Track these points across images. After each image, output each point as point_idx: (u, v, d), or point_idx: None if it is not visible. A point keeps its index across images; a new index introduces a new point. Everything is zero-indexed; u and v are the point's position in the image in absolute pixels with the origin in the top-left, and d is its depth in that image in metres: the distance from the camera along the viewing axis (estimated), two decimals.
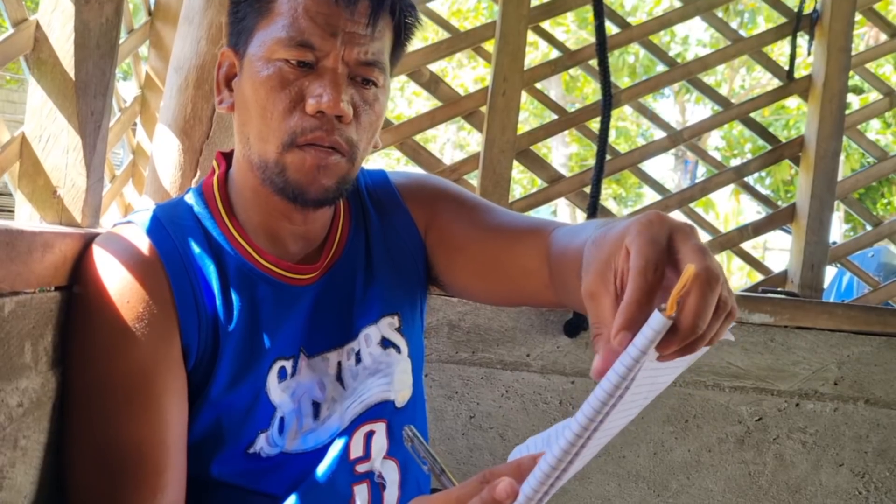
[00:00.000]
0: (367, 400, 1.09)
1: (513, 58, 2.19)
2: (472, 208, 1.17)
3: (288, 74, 0.96)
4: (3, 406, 0.81)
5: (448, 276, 1.18)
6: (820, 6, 2.40)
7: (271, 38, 0.96)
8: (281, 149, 0.97)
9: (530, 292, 1.10)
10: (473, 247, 1.13)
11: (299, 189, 0.98)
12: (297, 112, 0.96)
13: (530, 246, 1.07)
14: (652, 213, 0.67)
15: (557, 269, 1.00)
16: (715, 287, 0.62)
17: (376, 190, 1.19)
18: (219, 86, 1.06)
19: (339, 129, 0.97)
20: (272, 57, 0.96)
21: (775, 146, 2.45)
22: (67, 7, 1.09)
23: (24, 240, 0.84)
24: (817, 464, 2.05)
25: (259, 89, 0.97)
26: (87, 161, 1.12)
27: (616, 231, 0.69)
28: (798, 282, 2.32)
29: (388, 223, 1.17)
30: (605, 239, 0.70)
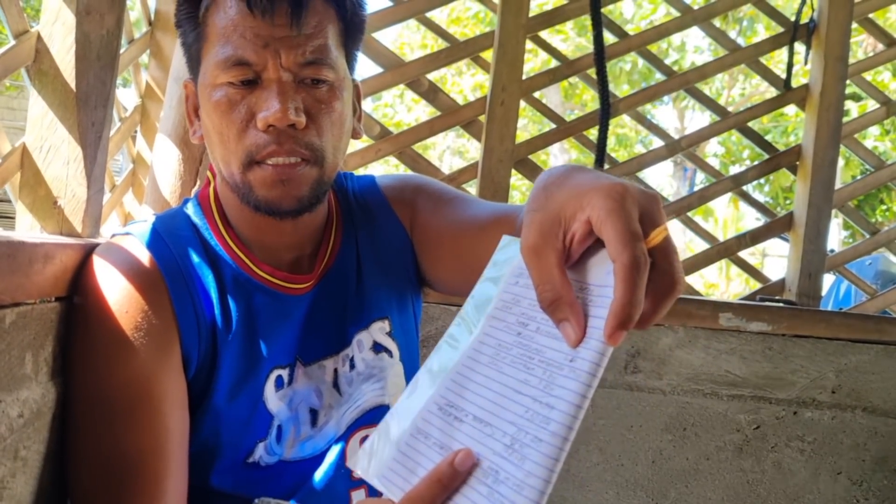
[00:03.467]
0: (363, 405, 1.10)
1: (511, 67, 2.19)
2: (450, 201, 1.16)
3: (234, 96, 0.96)
4: (4, 417, 0.81)
5: (432, 273, 1.18)
6: (817, 16, 2.41)
7: (211, 64, 0.97)
8: (242, 168, 0.97)
9: None
10: (448, 240, 1.13)
11: (271, 204, 0.98)
12: (250, 130, 0.96)
13: (501, 231, 1.06)
14: (618, 185, 0.63)
15: None
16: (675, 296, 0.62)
17: (364, 195, 1.19)
18: (190, 118, 1.07)
19: (296, 138, 0.96)
20: (216, 82, 0.96)
21: (773, 155, 2.46)
22: (68, 18, 1.10)
23: (25, 251, 0.84)
24: (815, 472, 2.06)
25: (212, 115, 0.98)
26: (88, 171, 1.12)
27: (572, 186, 0.66)
28: (796, 290, 2.32)
29: (377, 227, 1.17)
30: (559, 191, 0.67)
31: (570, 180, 0.68)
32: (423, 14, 2.23)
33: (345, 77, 1.02)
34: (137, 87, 1.84)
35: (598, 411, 1.99)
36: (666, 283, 0.62)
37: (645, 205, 0.62)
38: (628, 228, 0.60)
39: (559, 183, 0.68)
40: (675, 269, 0.62)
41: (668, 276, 0.62)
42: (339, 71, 1.00)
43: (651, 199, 0.64)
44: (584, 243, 0.64)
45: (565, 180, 0.68)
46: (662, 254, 0.62)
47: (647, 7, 12.11)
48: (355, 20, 1.04)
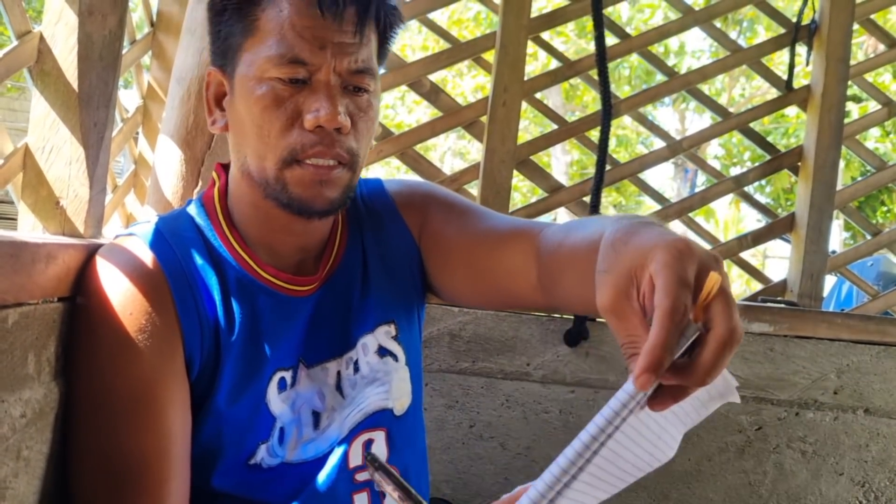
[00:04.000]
0: (366, 409, 1.09)
1: (513, 68, 2.20)
2: (462, 212, 1.17)
3: (282, 92, 0.96)
4: (7, 417, 0.81)
5: (439, 281, 1.19)
6: (818, 17, 2.41)
7: (261, 58, 0.96)
8: (280, 165, 0.97)
9: (517, 294, 1.10)
10: (462, 250, 1.13)
11: (304, 203, 0.99)
12: (295, 129, 0.96)
13: (517, 247, 1.07)
14: (680, 241, 0.66)
15: (548, 268, 1.00)
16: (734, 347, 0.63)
17: (372, 199, 1.19)
18: (209, 107, 1.06)
19: (340, 141, 0.97)
20: (264, 76, 0.96)
21: (774, 156, 2.46)
22: (71, 19, 1.09)
23: (27, 251, 0.84)
24: (817, 473, 2.06)
25: (254, 109, 0.97)
26: (90, 172, 1.12)
27: (638, 244, 0.69)
28: (797, 291, 2.32)
29: (384, 232, 1.17)
30: (626, 249, 0.70)
31: (635, 238, 0.71)
32: (424, 15, 2.23)
33: (378, 90, 1.04)
34: (139, 87, 1.84)
35: None
36: (725, 334, 0.63)
37: (705, 261, 0.65)
38: (677, 278, 0.63)
39: (625, 240, 0.71)
40: (735, 320, 0.64)
41: (726, 327, 0.63)
42: (378, 82, 1.03)
43: (712, 257, 0.67)
44: (653, 300, 0.65)
45: (630, 237, 0.71)
46: (721, 306, 0.64)
47: (647, 12, 12.12)
48: (390, 36, 1.06)
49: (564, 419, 1.98)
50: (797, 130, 11.47)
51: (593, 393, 1.99)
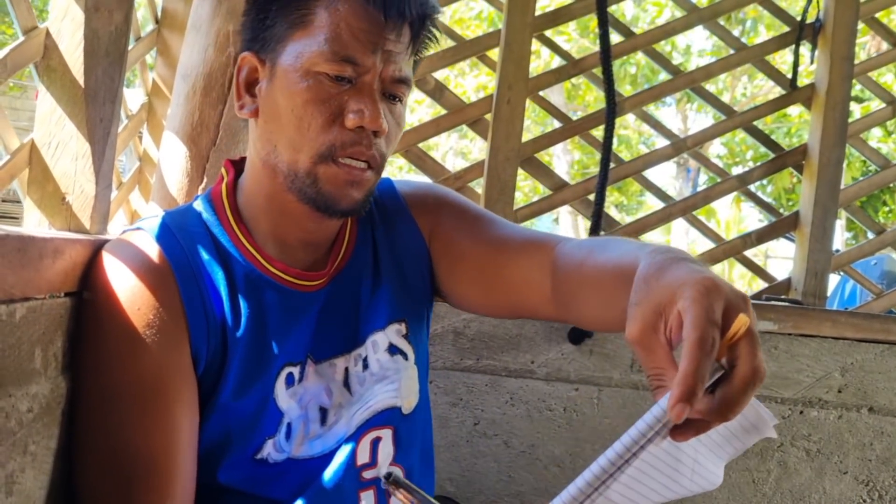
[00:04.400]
0: (374, 406, 1.09)
1: (517, 66, 2.20)
2: (476, 219, 1.17)
3: (328, 88, 0.96)
4: (14, 411, 0.81)
5: (449, 286, 1.19)
6: (823, 15, 2.41)
7: (311, 51, 0.96)
8: (316, 160, 0.98)
9: (530, 305, 1.11)
10: (475, 257, 1.14)
11: (331, 200, 1.00)
12: (335, 126, 0.97)
13: (533, 259, 1.08)
14: (709, 279, 0.69)
15: (566, 283, 1.02)
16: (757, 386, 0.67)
17: (383, 198, 1.19)
18: (239, 91, 1.05)
19: (376, 144, 0.99)
20: (311, 69, 0.96)
21: (778, 154, 2.46)
22: (77, 15, 1.10)
23: (35, 246, 0.84)
24: (821, 471, 2.05)
25: (296, 100, 0.97)
26: (96, 168, 1.12)
27: (669, 280, 0.72)
28: (801, 289, 2.32)
29: (395, 231, 1.17)
30: (658, 284, 0.73)
31: (667, 273, 0.74)
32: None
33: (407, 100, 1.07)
34: (144, 84, 1.85)
35: (603, 410, 1.99)
36: (748, 373, 0.66)
37: (732, 300, 0.68)
38: (705, 314, 0.66)
39: (657, 275, 0.74)
40: (758, 360, 0.67)
41: (750, 366, 0.66)
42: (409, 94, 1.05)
43: (740, 297, 0.70)
44: (679, 334, 0.69)
45: (663, 273, 0.74)
46: (747, 346, 0.67)
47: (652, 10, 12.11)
48: (421, 55, 1.08)
49: (568, 417, 1.98)
50: (800, 130, 11.46)
51: (597, 391, 1.99)
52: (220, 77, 1.50)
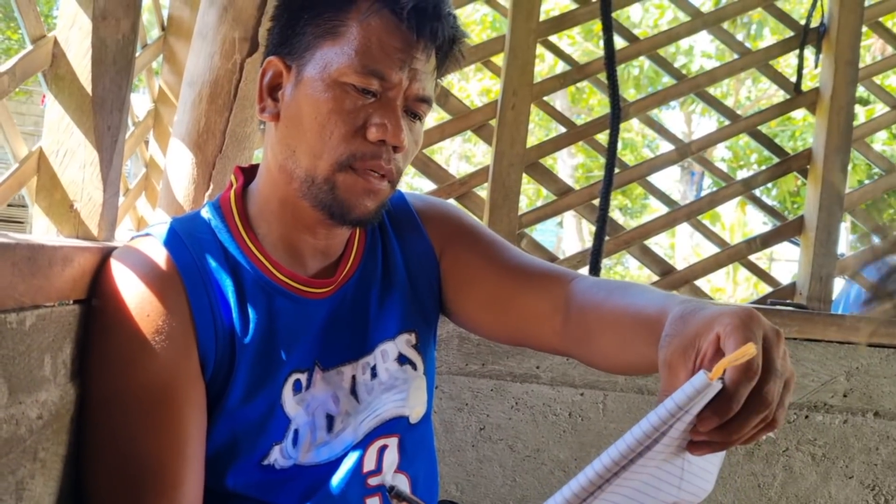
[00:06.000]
0: (382, 415, 1.10)
1: (522, 71, 2.20)
2: (489, 243, 1.18)
3: (354, 100, 0.97)
4: (24, 418, 0.82)
5: (456, 306, 1.19)
6: (827, 19, 2.41)
7: (340, 62, 0.97)
8: (335, 167, 0.99)
9: (536, 336, 1.12)
10: (486, 281, 1.14)
11: (345, 208, 1.00)
12: (357, 137, 0.98)
13: (547, 292, 1.10)
14: (748, 310, 0.73)
15: (581, 320, 1.03)
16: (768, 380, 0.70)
17: (395, 210, 1.19)
18: (261, 94, 1.05)
19: (394, 159, 1.00)
20: (339, 79, 0.97)
21: (783, 158, 2.46)
22: (85, 24, 1.10)
23: (44, 254, 0.85)
24: (826, 476, 2.05)
25: (320, 108, 0.98)
26: (104, 175, 1.13)
27: (707, 314, 0.76)
28: (807, 294, 2.32)
29: (406, 243, 1.18)
30: (694, 317, 0.77)
31: (703, 310, 0.78)
32: None
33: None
34: (150, 91, 1.85)
35: (609, 415, 1.99)
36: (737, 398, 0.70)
37: (768, 333, 0.72)
38: (745, 339, 0.69)
39: (694, 313, 0.78)
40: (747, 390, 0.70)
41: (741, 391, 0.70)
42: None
43: (775, 331, 0.73)
44: (712, 362, 0.72)
45: (699, 311, 0.78)
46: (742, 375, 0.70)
47: (655, 12, 12.10)
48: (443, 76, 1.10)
49: (573, 421, 1.98)
50: (803, 133, 11.44)
51: (602, 395, 1.99)
52: (226, 84, 1.51)
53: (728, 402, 0.69)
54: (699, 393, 0.68)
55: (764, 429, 0.73)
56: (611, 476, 0.69)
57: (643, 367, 0.93)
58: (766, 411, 0.71)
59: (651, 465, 0.70)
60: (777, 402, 0.72)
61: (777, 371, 0.71)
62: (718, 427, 0.70)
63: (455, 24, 1.03)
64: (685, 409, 0.68)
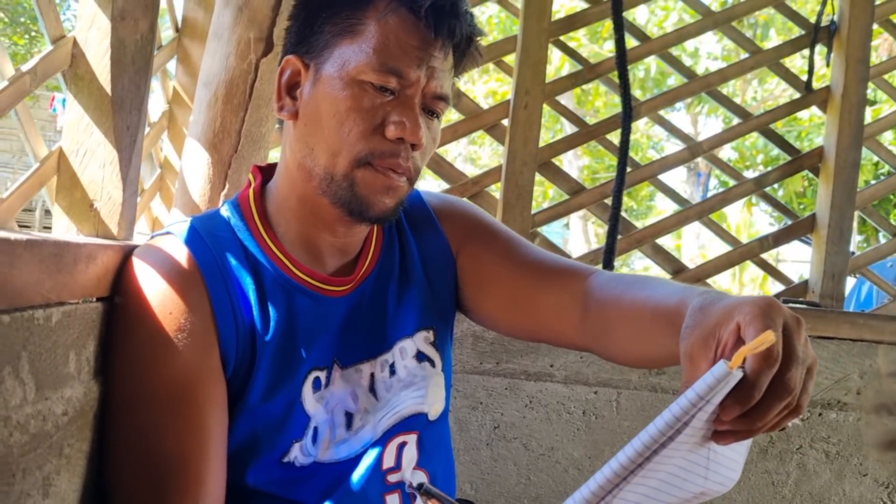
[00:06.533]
0: (401, 412, 1.10)
1: (534, 71, 2.21)
2: (507, 240, 1.18)
3: (372, 97, 0.98)
4: (50, 414, 0.82)
5: (474, 303, 1.19)
6: (837, 18, 2.41)
7: (358, 60, 0.98)
8: (354, 164, 0.99)
9: (554, 331, 1.13)
10: (504, 278, 1.15)
11: (364, 205, 1.01)
12: (375, 135, 0.98)
13: (565, 287, 1.10)
14: (767, 299, 0.73)
15: (600, 315, 1.04)
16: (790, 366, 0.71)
17: (411, 208, 1.20)
18: (280, 92, 1.06)
19: (412, 157, 1.01)
20: (357, 77, 0.98)
21: (795, 157, 2.46)
22: (104, 24, 1.11)
23: (69, 251, 0.85)
24: (840, 473, 2.05)
25: (338, 106, 0.98)
26: (123, 175, 1.13)
27: (727, 303, 0.77)
28: (819, 291, 2.32)
29: (423, 241, 1.18)
30: (714, 308, 0.78)
31: (722, 301, 0.78)
32: None
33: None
34: (165, 92, 1.86)
35: (622, 413, 1.99)
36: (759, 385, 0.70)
37: (788, 320, 0.73)
38: (765, 327, 0.70)
39: (713, 304, 0.79)
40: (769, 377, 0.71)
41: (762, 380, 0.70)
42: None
43: (795, 318, 0.74)
44: (733, 351, 0.73)
45: (719, 301, 0.79)
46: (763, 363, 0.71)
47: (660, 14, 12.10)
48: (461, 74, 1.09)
49: (587, 420, 1.98)
50: (809, 134, 11.43)
51: (616, 393, 1.99)
52: (242, 84, 1.52)
53: (749, 390, 0.69)
54: (720, 382, 0.68)
55: (788, 416, 0.72)
56: (635, 468, 0.69)
57: (663, 359, 0.94)
58: (788, 398, 0.71)
59: (676, 455, 0.70)
60: (800, 388, 0.72)
61: (799, 357, 0.71)
62: (741, 415, 0.70)
63: (472, 22, 1.04)
64: (706, 399, 0.68)
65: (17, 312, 0.74)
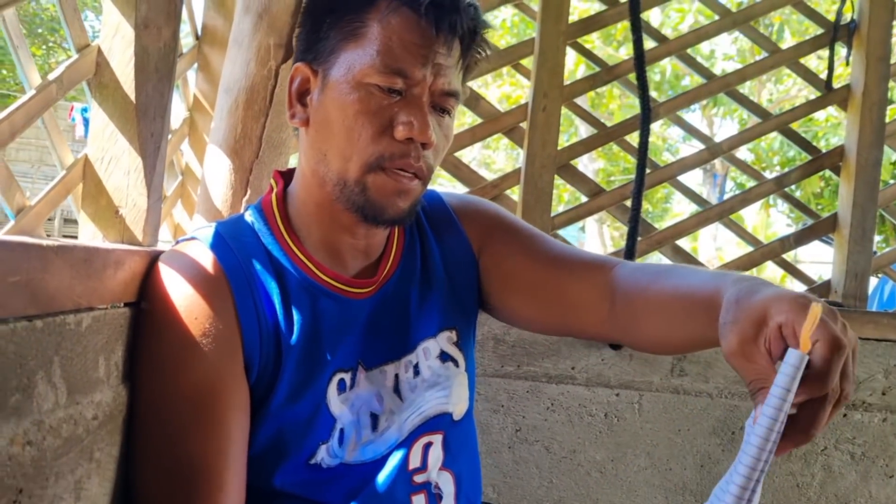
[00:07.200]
0: (426, 412, 1.10)
1: (552, 73, 2.21)
2: (529, 237, 1.19)
3: (379, 100, 0.98)
4: (81, 419, 0.83)
5: (500, 301, 1.19)
6: (857, 15, 2.39)
7: (363, 63, 0.98)
8: (365, 169, 0.99)
9: (582, 324, 1.13)
10: (529, 274, 1.15)
11: (377, 209, 1.01)
12: (385, 137, 0.98)
13: (591, 280, 1.10)
14: (802, 296, 0.76)
15: (628, 305, 1.04)
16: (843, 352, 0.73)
17: (432, 209, 1.20)
18: (291, 100, 1.06)
19: (424, 156, 1.00)
20: (363, 81, 0.98)
21: (815, 156, 2.45)
22: (128, 32, 1.12)
23: (99, 257, 0.86)
24: (866, 475, 2.03)
25: (346, 111, 0.99)
26: (148, 181, 1.14)
27: (764, 298, 0.78)
28: (842, 291, 2.30)
29: (444, 241, 1.18)
30: (751, 303, 0.79)
31: (759, 293, 0.80)
32: None
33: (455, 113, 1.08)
34: (185, 99, 1.87)
35: (644, 415, 1.98)
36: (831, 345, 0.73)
37: (825, 309, 0.74)
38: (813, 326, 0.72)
39: (749, 296, 0.80)
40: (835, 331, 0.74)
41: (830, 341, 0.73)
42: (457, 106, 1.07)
43: (831, 311, 0.76)
44: (778, 347, 0.76)
45: (754, 293, 0.80)
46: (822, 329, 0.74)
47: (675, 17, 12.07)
48: (471, 69, 1.10)
49: (609, 422, 1.97)
50: (826, 134, 11.36)
51: (638, 395, 1.98)
52: (262, 90, 1.52)
53: (823, 378, 0.72)
54: (797, 370, 0.71)
55: (836, 406, 0.75)
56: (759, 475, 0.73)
57: (697, 345, 0.96)
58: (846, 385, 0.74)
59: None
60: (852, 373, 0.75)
61: (844, 344, 0.73)
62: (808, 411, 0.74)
63: (475, 14, 1.03)
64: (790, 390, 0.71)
65: (49, 317, 0.75)
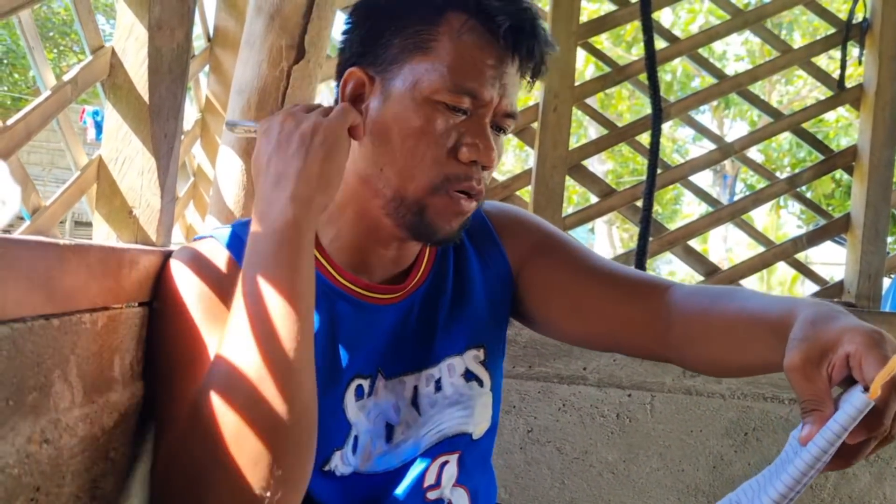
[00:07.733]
0: (445, 431, 1.08)
1: (563, 74, 2.21)
2: (571, 251, 1.15)
3: (446, 118, 0.95)
4: (98, 418, 0.83)
5: (536, 314, 1.16)
6: (870, 14, 2.38)
7: (431, 79, 0.94)
8: (429, 191, 0.96)
9: (631, 342, 1.10)
10: (572, 289, 1.12)
11: (431, 229, 0.98)
12: (450, 159, 0.96)
13: (643, 302, 1.08)
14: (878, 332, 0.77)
15: (687, 327, 1.03)
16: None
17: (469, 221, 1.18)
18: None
19: (483, 178, 0.99)
20: (431, 97, 0.94)
21: (828, 156, 2.44)
22: (141, 34, 1.12)
23: (114, 256, 0.86)
24: (880, 476, 2.02)
25: (411, 127, 0.95)
26: (161, 182, 1.14)
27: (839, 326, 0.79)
28: (855, 292, 2.29)
29: (481, 254, 1.15)
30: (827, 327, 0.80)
31: (835, 321, 0.81)
32: None
33: None
34: (197, 101, 1.88)
35: (657, 416, 1.98)
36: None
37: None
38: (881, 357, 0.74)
39: (826, 321, 0.81)
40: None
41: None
42: None
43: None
44: (840, 374, 0.78)
45: (831, 320, 0.81)
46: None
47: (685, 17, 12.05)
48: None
49: (621, 423, 1.97)
50: (836, 135, 11.33)
51: (650, 396, 1.98)
52: (274, 91, 1.53)
53: (879, 418, 0.74)
54: (861, 413, 0.72)
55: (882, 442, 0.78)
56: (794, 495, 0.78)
57: (757, 368, 0.96)
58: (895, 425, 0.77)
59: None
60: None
61: None
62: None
63: (547, 38, 1.00)
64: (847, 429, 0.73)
65: (65, 316, 0.75)
